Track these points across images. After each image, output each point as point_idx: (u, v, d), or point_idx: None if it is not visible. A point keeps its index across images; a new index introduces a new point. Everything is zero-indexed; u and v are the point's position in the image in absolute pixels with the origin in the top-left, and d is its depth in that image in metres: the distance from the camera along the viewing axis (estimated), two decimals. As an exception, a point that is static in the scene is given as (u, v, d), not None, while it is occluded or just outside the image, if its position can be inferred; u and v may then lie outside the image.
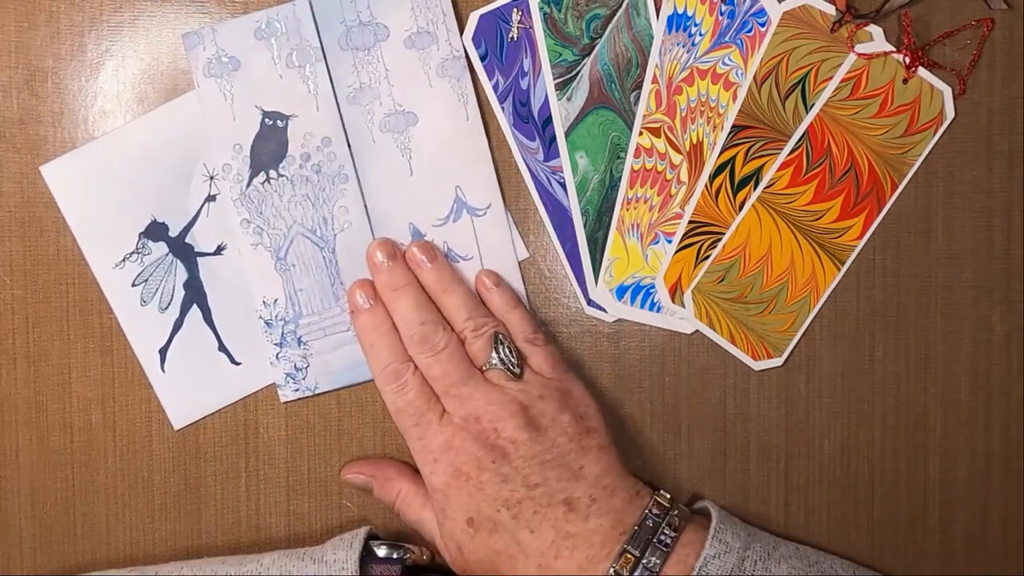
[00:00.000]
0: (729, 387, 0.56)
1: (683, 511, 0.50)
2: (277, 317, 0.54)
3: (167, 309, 0.54)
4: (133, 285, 0.54)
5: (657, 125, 0.55)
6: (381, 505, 0.55)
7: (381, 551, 0.51)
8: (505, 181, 0.55)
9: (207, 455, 0.55)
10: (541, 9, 0.54)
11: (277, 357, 0.54)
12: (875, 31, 0.54)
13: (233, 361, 0.55)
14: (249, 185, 0.54)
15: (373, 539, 0.52)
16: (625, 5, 0.54)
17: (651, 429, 0.56)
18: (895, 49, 0.54)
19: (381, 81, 0.54)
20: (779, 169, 0.54)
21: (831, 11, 0.54)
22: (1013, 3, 0.54)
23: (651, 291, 0.55)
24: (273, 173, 0.53)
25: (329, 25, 0.53)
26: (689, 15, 0.54)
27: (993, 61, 0.55)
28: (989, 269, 0.55)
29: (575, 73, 0.55)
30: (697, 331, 0.55)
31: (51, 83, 0.54)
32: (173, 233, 0.54)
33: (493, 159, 0.55)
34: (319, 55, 0.53)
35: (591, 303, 0.56)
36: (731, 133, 0.54)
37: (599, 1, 0.54)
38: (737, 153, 0.54)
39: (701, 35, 0.54)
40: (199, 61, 0.53)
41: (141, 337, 0.54)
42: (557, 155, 0.55)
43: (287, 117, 0.53)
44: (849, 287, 0.55)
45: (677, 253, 0.55)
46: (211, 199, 0.54)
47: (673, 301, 0.55)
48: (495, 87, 0.55)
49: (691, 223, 0.55)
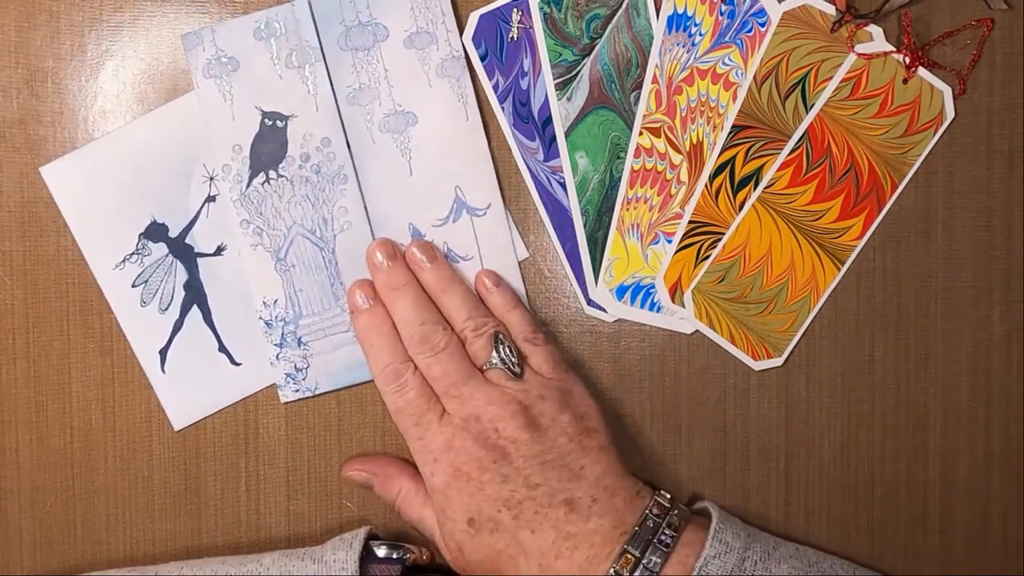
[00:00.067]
0: (729, 387, 0.55)
1: (683, 511, 0.50)
2: (277, 318, 0.53)
3: (167, 310, 0.54)
4: (133, 286, 0.54)
5: (657, 125, 0.54)
6: (381, 505, 0.55)
7: (381, 551, 0.50)
8: (505, 181, 0.55)
9: (207, 455, 0.55)
10: (541, 9, 0.54)
11: (277, 357, 0.54)
12: (875, 31, 0.53)
13: (233, 362, 0.54)
14: (249, 186, 0.53)
15: (373, 539, 0.51)
16: (625, 5, 0.54)
17: (651, 429, 0.55)
18: (895, 49, 0.53)
19: (380, 81, 0.53)
20: (779, 169, 0.54)
21: (831, 11, 0.53)
22: (1013, 3, 0.54)
23: (651, 291, 0.55)
24: (273, 174, 0.53)
25: (328, 25, 0.53)
26: (689, 15, 0.54)
27: (993, 61, 0.54)
28: (989, 269, 0.55)
29: (575, 73, 0.54)
30: (697, 331, 0.55)
31: (51, 83, 0.54)
32: (173, 234, 0.54)
33: (493, 159, 0.54)
34: (318, 55, 0.52)
35: (591, 303, 0.55)
36: (731, 133, 0.54)
37: (599, 1, 0.54)
38: (737, 153, 0.54)
39: (701, 35, 0.54)
40: (198, 61, 0.52)
41: (141, 337, 0.54)
42: (557, 155, 0.54)
43: (286, 117, 0.53)
44: (849, 287, 0.55)
45: (677, 253, 0.55)
46: (211, 200, 0.54)
47: (673, 301, 0.55)
48: (495, 87, 0.54)
49: (691, 223, 0.54)
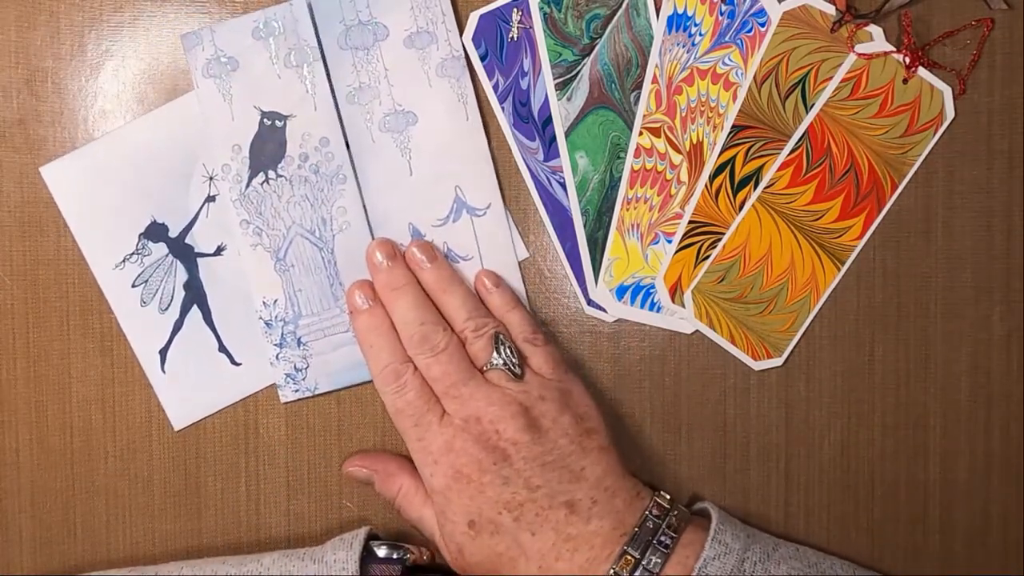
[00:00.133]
0: (729, 387, 0.55)
1: (683, 512, 0.49)
2: (277, 318, 0.53)
3: (167, 310, 0.53)
4: (133, 286, 0.53)
5: (657, 125, 0.53)
6: (381, 505, 0.54)
7: (381, 551, 0.50)
8: (505, 181, 0.54)
9: (207, 455, 0.54)
10: (541, 9, 0.53)
11: (277, 357, 0.53)
12: (875, 31, 0.53)
13: (233, 362, 0.54)
14: (248, 185, 0.52)
15: (373, 539, 0.51)
16: (625, 5, 0.53)
17: (651, 429, 0.55)
18: (895, 49, 0.53)
19: (380, 81, 0.52)
20: (779, 169, 0.53)
21: (831, 11, 0.53)
22: (1013, 3, 0.53)
23: (651, 291, 0.54)
24: (272, 173, 0.52)
25: (328, 24, 0.52)
26: (689, 15, 0.53)
27: (993, 61, 0.54)
28: (989, 269, 0.54)
29: (575, 73, 0.53)
30: (697, 331, 0.54)
31: (51, 83, 0.53)
32: (173, 234, 0.53)
33: (493, 159, 0.54)
34: (317, 55, 0.52)
35: (591, 303, 0.55)
36: (731, 133, 0.53)
37: (599, 1, 0.53)
38: (737, 153, 0.53)
39: (701, 35, 0.53)
40: (198, 61, 0.52)
41: (141, 337, 0.53)
42: (557, 155, 0.54)
43: (285, 117, 0.52)
44: (849, 287, 0.54)
45: (677, 253, 0.54)
46: (211, 200, 0.53)
47: (673, 301, 0.54)
48: (495, 87, 0.53)
49: (691, 223, 0.54)
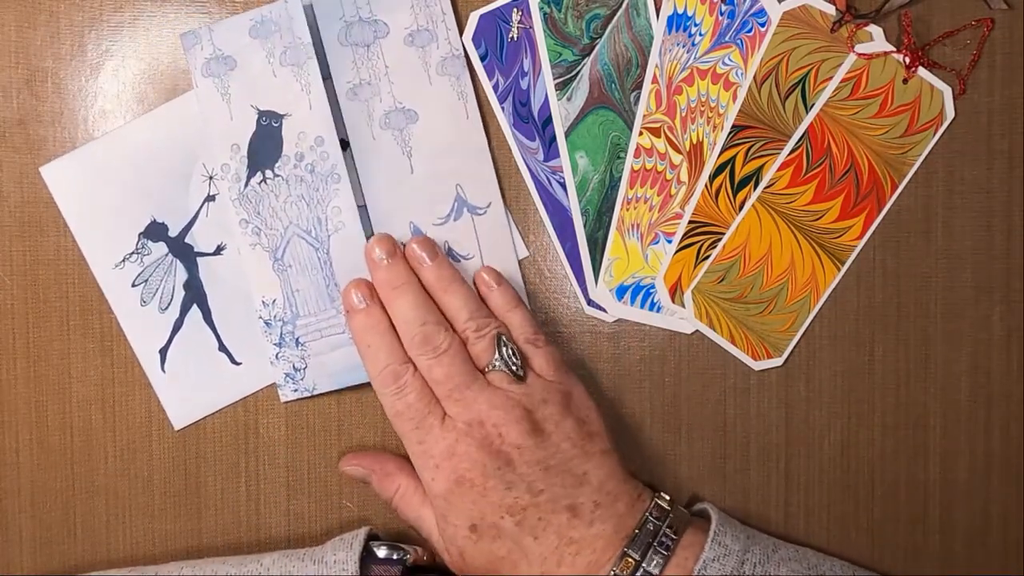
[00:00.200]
0: (729, 387, 0.54)
1: (683, 514, 0.48)
2: (276, 317, 0.52)
3: (167, 309, 0.52)
4: (133, 285, 0.52)
5: (657, 125, 0.53)
6: (381, 505, 0.53)
7: (381, 552, 0.49)
8: (505, 181, 0.53)
9: (207, 455, 0.53)
10: (541, 9, 0.52)
11: (276, 357, 0.52)
12: (875, 31, 0.52)
13: (233, 361, 0.53)
14: (247, 185, 0.52)
15: (373, 539, 0.50)
16: (625, 5, 0.52)
17: (651, 429, 0.54)
18: (895, 49, 0.52)
19: (381, 78, 0.52)
20: (779, 169, 0.52)
21: (831, 11, 0.52)
22: (1013, 3, 0.53)
23: (651, 291, 0.54)
24: (269, 173, 0.51)
25: (328, 21, 0.51)
26: (689, 15, 0.52)
27: (993, 61, 0.53)
28: (989, 269, 0.53)
29: (575, 73, 0.53)
30: (697, 331, 0.54)
31: (51, 83, 0.52)
32: (173, 233, 0.52)
33: (493, 158, 0.53)
34: (311, 53, 0.51)
35: (591, 303, 0.54)
36: (731, 133, 0.52)
37: (599, 1, 0.52)
38: (737, 153, 0.53)
39: (701, 35, 0.52)
40: (197, 61, 0.51)
41: (141, 337, 0.53)
42: (557, 155, 0.53)
43: (281, 116, 0.51)
44: (849, 287, 0.53)
45: (677, 253, 0.53)
46: (210, 199, 0.52)
47: (673, 301, 0.53)
48: (495, 87, 0.53)
49: (691, 223, 0.53)
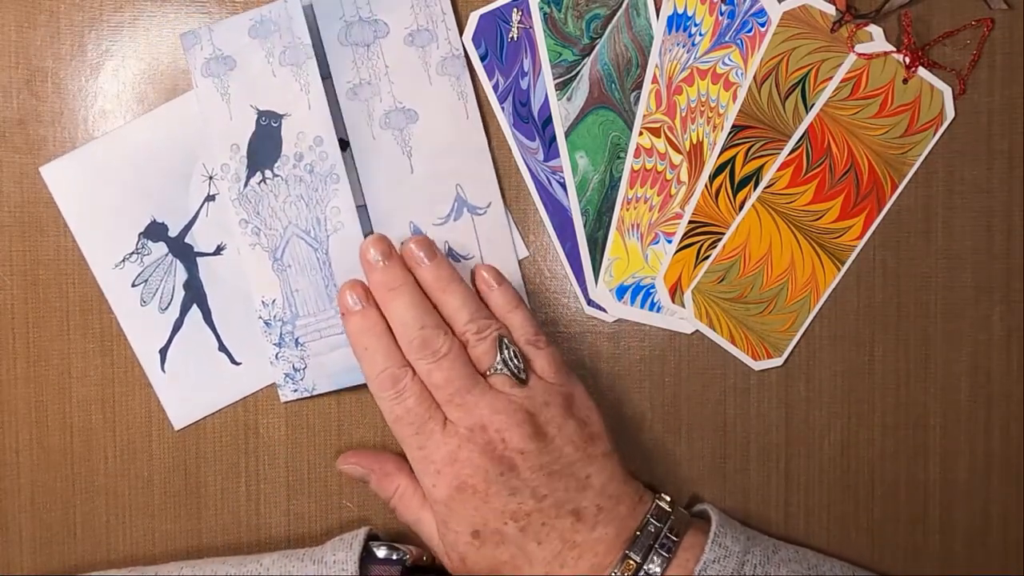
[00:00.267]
0: (729, 387, 0.53)
1: (683, 515, 0.48)
2: (275, 317, 0.51)
3: (167, 309, 0.52)
4: (133, 285, 0.52)
5: (657, 125, 0.52)
6: (381, 505, 0.53)
7: (381, 552, 0.48)
8: (505, 181, 0.53)
9: (207, 455, 0.53)
10: (541, 9, 0.52)
11: (276, 357, 0.52)
12: (875, 31, 0.52)
13: (233, 361, 0.52)
14: (246, 185, 0.51)
15: (373, 540, 0.50)
16: (625, 5, 0.52)
17: (651, 429, 0.53)
18: (895, 49, 0.51)
19: (381, 78, 0.51)
20: (779, 169, 0.52)
21: (831, 11, 0.51)
22: (1013, 3, 0.52)
23: (651, 291, 0.53)
24: (269, 173, 0.51)
25: (328, 21, 0.51)
26: (689, 15, 0.52)
27: (993, 61, 0.52)
28: (989, 269, 0.53)
29: (575, 73, 0.52)
30: (697, 331, 0.53)
31: (51, 83, 0.52)
32: (173, 233, 0.52)
33: (493, 158, 0.52)
34: (310, 52, 0.50)
35: (591, 303, 0.53)
36: (731, 133, 0.52)
37: (599, 1, 0.52)
38: (737, 153, 0.52)
39: (701, 35, 0.52)
40: (197, 61, 0.50)
41: (141, 337, 0.52)
42: (557, 155, 0.52)
43: (280, 116, 0.50)
44: (849, 287, 0.53)
45: (677, 253, 0.53)
46: (210, 199, 0.52)
47: (673, 301, 0.53)
48: (495, 87, 0.52)
49: (691, 223, 0.52)
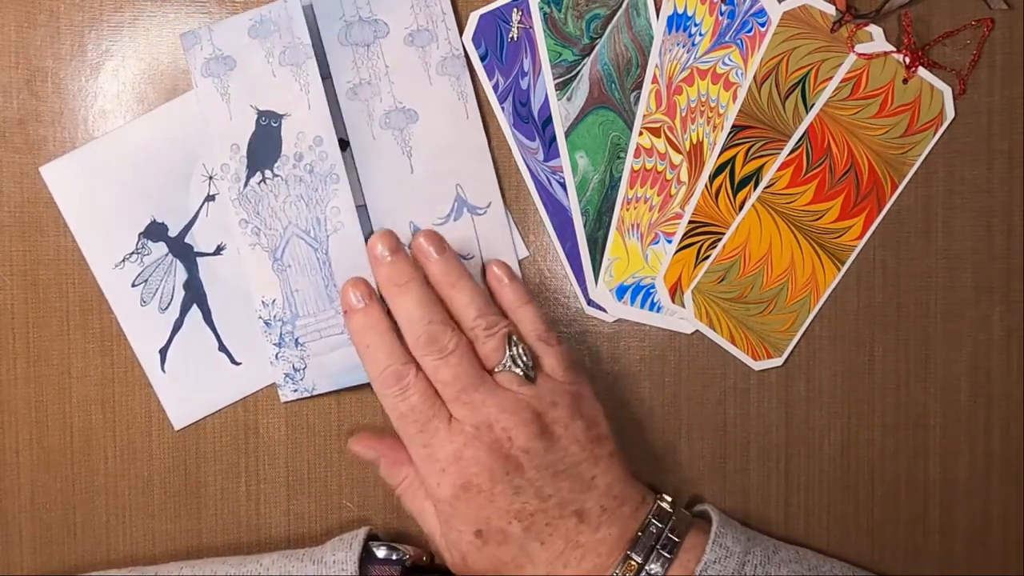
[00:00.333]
0: (729, 387, 0.53)
1: (685, 516, 0.47)
2: (275, 317, 0.51)
3: (167, 309, 0.51)
4: (133, 285, 0.51)
5: (657, 125, 0.52)
6: (381, 505, 0.52)
7: (381, 552, 0.48)
8: (505, 181, 0.52)
9: (207, 455, 0.52)
10: (541, 9, 0.51)
11: (276, 357, 0.51)
12: (875, 31, 0.51)
13: (233, 361, 0.52)
14: (246, 185, 0.50)
15: (373, 540, 0.49)
16: (625, 5, 0.51)
17: (651, 429, 0.53)
18: (895, 49, 0.51)
19: (381, 78, 0.51)
20: (779, 169, 0.51)
21: (831, 11, 0.51)
22: (1013, 3, 0.52)
23: (651, 291, 0.52)
24: (268, 173, 0.50)
25: (328, 21, 0.50)
26: (689, 15, 0.51)
27: (993, 61, 0.52)
28: (989, 269, 0.52)
29: (575, 73, 0.52)
30: (697, 331, 0.52)
31: (51, 83, 0.51)
32: (173, 233, 0.51)
33: (493, 158, 0.52)
34: (310, 52, 0.50)
35: (591, 303, 0.53)
36: (731, 133, 0.51)
37: (599, 1, 0.51)
38: (737, 153, 0.51)
39: (701, 35, 0.51)
40: (197, 61, 0.50)
41: (141, 337, 0.52)
42: (557, 155, 0.52)
43: (280, 116, 0.50)
44: (849, 287, 0.52)
45: (677, 253, 0.52)
46: (210, 199, 0.51)
47: (673, 301, 0.52)
48: (495, 87, 0.52)
49: (691, 223, 0.52)
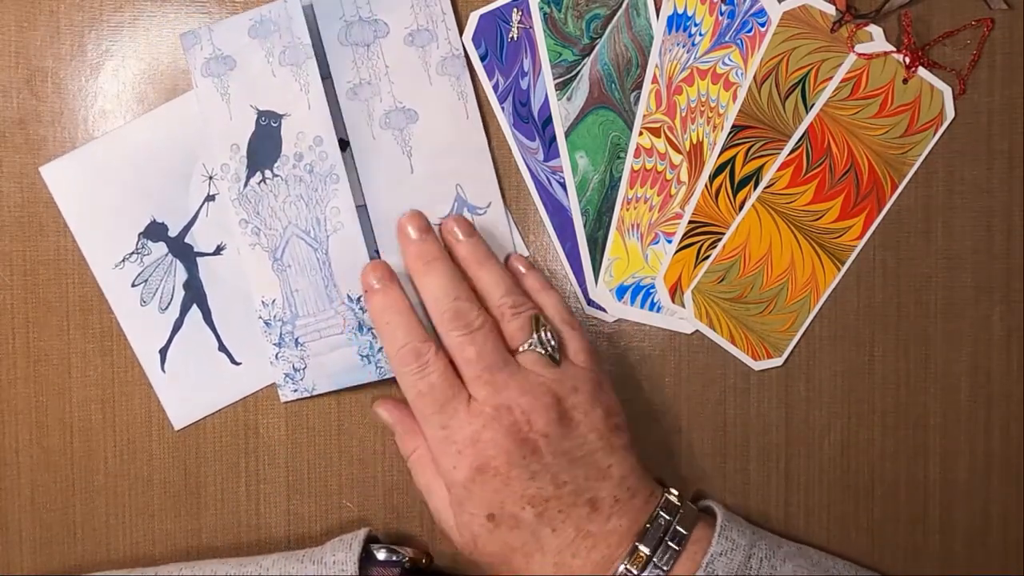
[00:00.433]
0: (729, 387, 0.52)
1: (692, 509, 0.47)
2: (275, 317, 0.50)
3: (167, 309, 0.51)
4: (133, 285, 0.51)
5: (657, 125, 0.51)
6: (381, 506, 0.52)
7: (380, 554, 0.48)
8: (505, 181, 0.52)
9: (207, 455, 0.52)
10: (541, 9, 0.51)
11: (276, 357, 0.51)
12: (875, 31, 0.51)
13: (233, 361, 0.51)
14: (246, 185, 0.50)
15: (373, 541, 0.48)
16: (625, 5, 0.51)
17: (651, 429, 0.52)
18: (895, 49, 0.50)
19: (381, 78, 0.50)
20: (779, 169, 0.51)
21: (831, 11, 0.50)
22: (1013, 3, 0.51)
23: (651, 291, 0.52)
24: (268, 173, 0.50)
25: (328, 21, 0.50)
26: (689, 15, 0.50)
27: (993, 61, 0.51)
28: (989, 269, 0.52)
29: (575, 73, 0.51)
30: (697, 331, 0.52)
31: (51, 83, 0.51)
32: (172, 233, 0.51)
33: (493, 158, 0.51)
34: (310, 52, 0.49)
35: (591, 303, 0.52)
36: (731, 133, 0.51)
37: (599, 1, 0.51)
38: (737, 153, 0.51)
39: (701, 35, 0.51)
40: (197, 60, 0.49)
41: (141, 337, 0.51)
42: (557, 155, 0.51)
43: (280, 116, 0.49)
44: (849, 287, 0.52)
45: (677, 253, 0.51)
46: (210, 199, 0.51)
47: (673, 301, 0.52)
48: (495, 87, 0.51)
49: (691, 223, 0.51)
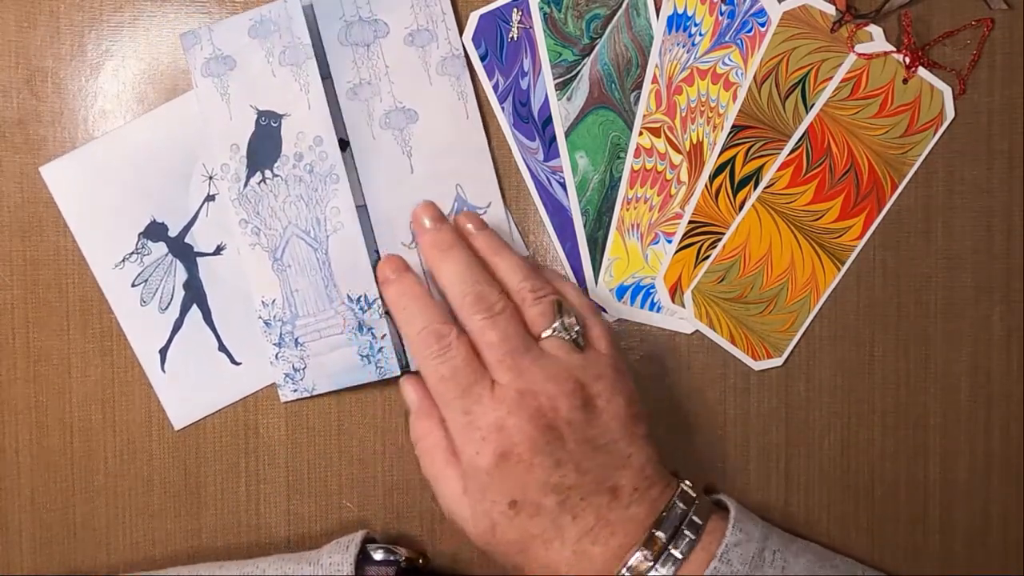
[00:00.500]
0: (729, 387, 0.52)
1: (706, 500, 0.46)
2: (275, 317, 0.50)
3: (167, 309, 0.50)
4: (133, 285, 0.50)
5: (657, 125, 0.51)
6: (380, 506, 0.52)
7: (378, 555, 0.47)
8: (505, 181, 0.51)
9: (207, 455, 0.51)
10: (541, 9, 0.50)
11: (276, 357, 0.50)
12: (875, 31, 0.50)
13: (233, 361, 0.51)
14: (246, 185, 0.49)
15: (370, 542, 0.48)
16: (625, 5, 0.50)
17: (651, 429, 0.51)
18: (895, 49, 0.50)
19: (381, 78, 0.50)
20: (779, 169, 0.50)
21: (831, 11, 0.50)
22: (1013, 3, 0.51)
23: (651, 291, 0.51)
24: (268, 173, 0.49)
25: (328, 21, 0.49)
26: (689, 15, 0.50)
27: (993, 61, 0.51)
28: (989, 269, 0.51)
29: (575, 73, 0.50)
30: (697, 331, 0.51)
31: (51, 83, 0.50)
32: (173, 233, 0.50)
33: (493, 158, 0.51)
34: (310, 52, 0.49)
35: (591, 303, 0.52)
36: (731, 133, 0.50)
37: (599, 1, 0.50)
38: (737, 153, 0.50)
39: (701, 35, 0.50)
40: (197, 60, 0.49)
41: (141, 337, 0.51)
42: (557, 155, 0.51)
43: (280, 116, 0.49)
44: (849, 287, 0.51)
45: (677, 253, 0.51)
46: (210, 199, 0.50)
47: (673, 301, 0.51)
48: (495, 87, 0.51)
49: (691, 223, 0.51)
